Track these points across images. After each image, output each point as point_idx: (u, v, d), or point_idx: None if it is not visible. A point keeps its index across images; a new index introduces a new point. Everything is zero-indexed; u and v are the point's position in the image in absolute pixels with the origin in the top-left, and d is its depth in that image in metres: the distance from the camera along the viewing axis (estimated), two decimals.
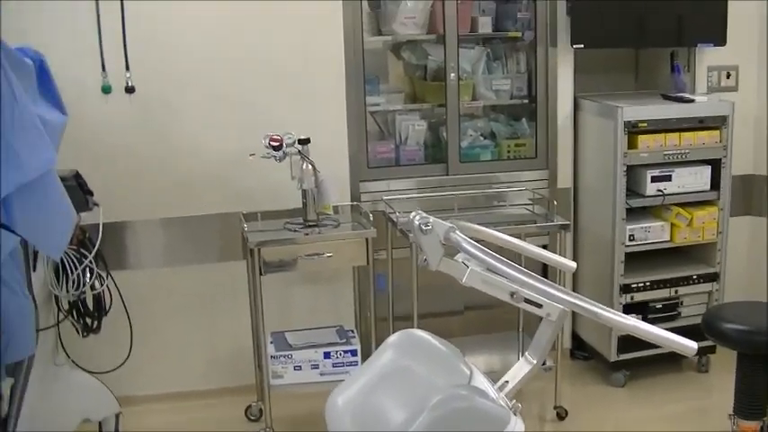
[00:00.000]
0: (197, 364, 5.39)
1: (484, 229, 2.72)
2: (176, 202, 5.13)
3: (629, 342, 5.35)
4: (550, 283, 2.27)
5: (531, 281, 2.26)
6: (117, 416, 4.77)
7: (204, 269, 5.26)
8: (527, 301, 2.32)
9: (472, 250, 2.29)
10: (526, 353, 2.35)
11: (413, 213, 2.43)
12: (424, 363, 2.36)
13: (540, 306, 2.30)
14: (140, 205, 5.07)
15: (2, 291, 3.46)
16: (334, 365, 4.80)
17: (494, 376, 2.46)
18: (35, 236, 3.52)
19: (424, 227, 2.38)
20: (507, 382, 2.30)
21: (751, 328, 3.97)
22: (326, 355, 4.81)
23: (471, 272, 2.32)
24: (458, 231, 2.36)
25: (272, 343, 4.87)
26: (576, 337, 5.87)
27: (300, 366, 4.79)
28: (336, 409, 2.35)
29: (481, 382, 2.27)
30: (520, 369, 2.31)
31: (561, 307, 2.27)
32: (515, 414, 2.18)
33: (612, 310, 2.26)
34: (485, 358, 5.07)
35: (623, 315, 2.28)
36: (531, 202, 5.28)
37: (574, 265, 2.92)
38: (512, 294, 2.33)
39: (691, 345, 2.23)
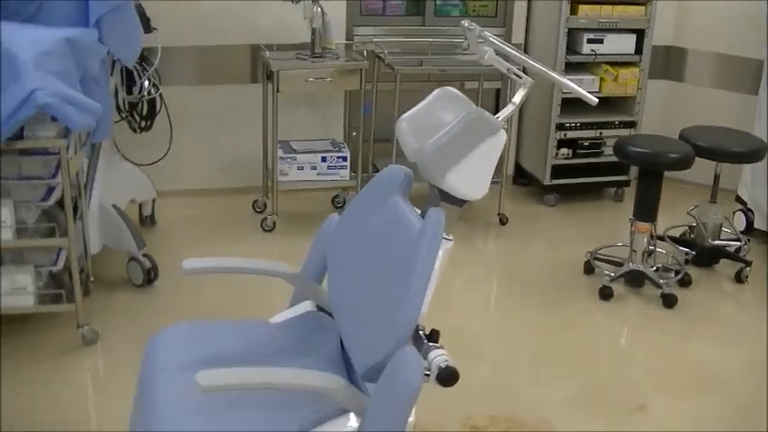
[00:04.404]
0: (214, 167, 6.27)
1: (511, 48, 3.57)
2: (209, 33, 5.98)
3: (561, 170, 6.52)
4: (539, 64, 3.41)
5: (527, 59, 3.40)
6: (153, 200, 5.71)
7: (228, 89, 6.12)
8: (515, 74, 3.39)
9: (491, 39, 3.38)
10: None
11: (464, 21, 3.54)
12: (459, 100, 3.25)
13: (520, 77, 3.34)
14: (180, 33, 5.79)
15: (95, 87, 4.38)
16: (328, 168, 5.73)
17: None
18: (117, 47, 4.60)
19: (468, 26, 3.47)
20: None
21: (650, 151, 5.02)
22: (323, 159, 5.73)
23: (490, 53, 3.41)
24: (485, 32, 3.43)
25: (280, 148, 5.71)
26: (518, 167, 6.97)
27: (303, 167, 5.70)
28: (401, 125, 3.14)
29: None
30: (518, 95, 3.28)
31: (531, 80, 3.31)
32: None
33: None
34: None
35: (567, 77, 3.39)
36: None
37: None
38: (507, 69, 3.42)
39: (593, 98, 3.41)
